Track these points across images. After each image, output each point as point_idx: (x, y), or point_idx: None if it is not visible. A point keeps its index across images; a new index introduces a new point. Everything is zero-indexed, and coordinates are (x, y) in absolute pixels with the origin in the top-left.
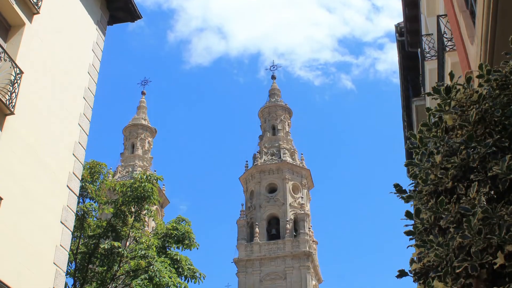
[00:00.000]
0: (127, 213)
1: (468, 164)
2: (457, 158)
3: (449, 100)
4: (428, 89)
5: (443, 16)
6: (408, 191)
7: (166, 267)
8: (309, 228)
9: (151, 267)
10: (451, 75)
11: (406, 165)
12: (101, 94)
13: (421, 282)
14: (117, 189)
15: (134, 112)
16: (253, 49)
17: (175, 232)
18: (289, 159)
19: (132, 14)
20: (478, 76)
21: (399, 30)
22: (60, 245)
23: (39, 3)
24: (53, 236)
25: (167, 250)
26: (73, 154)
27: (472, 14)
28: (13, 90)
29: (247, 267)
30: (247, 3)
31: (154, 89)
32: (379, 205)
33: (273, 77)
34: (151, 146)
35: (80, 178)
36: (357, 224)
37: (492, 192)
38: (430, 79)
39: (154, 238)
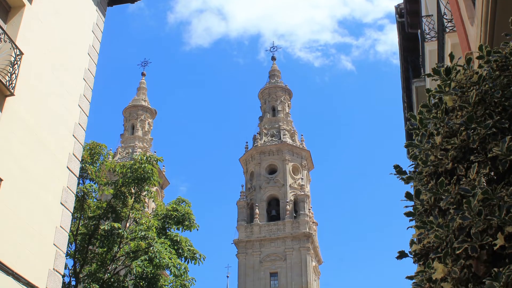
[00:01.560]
0: (127, 194)
1: (468, 145)
2: (457, 139)
3: (449, 81)
4: (428, 70)
5: None
6: (408, 172)
7: (166, 248)
8: (309, 209)
9: (151, 248)
10: (451, 56)
11: (406, 146)
12: (101, 75)
13: (421, 263)
14: (117, 170)
15: (134, 93)
16: (253, 30)
17: (175, 213)
18: (289, 140)
19: None
20: (478, 57)
21: (399, 11)
22: (60, 226)
23: None
24: (53, 217)
25: (167, 231)
26: (73, 135)
27: None
28: (13, 71)
29: (247, 248)
30: None
31: (154, 70)
32: (379, 186)
33: (273, 58)
34: (151, 127)
35: (80, 159)
36: (357, 205)
37: (492, 173)
38: (430, 60)
39: (154, 219)
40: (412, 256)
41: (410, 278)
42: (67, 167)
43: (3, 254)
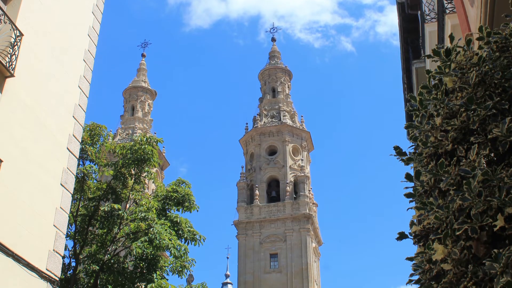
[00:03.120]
0: (127, 176)
1: (468, 126)
2: (457, 121)
3: (449, 63)
4: (428, 51)
5: None
6: (408, 154)
7: (166, 230)
8: (309, 191)
9: (151, 229)
10: (451, 38)
11: (406, 128)
12: (101, 56)
13: (421, 244)
14: (117, 151)
15: (134, 74)
16: (253, 12)
17: (175, 194)
18: (289, 121)
19: None
20: (478, 39)
21: None
22: (60, 207)
23: None
24: (53, 198)
25: (167, 212)
26: (73, 116)
27: None
28: (13, 53)
29: (247, 229)
30: None
31: (154, 52)
32: (379, 167)
33: (273, 40)
34: (151, 109)
35: (80, 140)
36: (357, 186)
37: (492, 155)
38: (430, 42)
39: (154, 200)
40: (412, 237)
41: (410, 259)
42: (67, 148)
43: (3, 235)
